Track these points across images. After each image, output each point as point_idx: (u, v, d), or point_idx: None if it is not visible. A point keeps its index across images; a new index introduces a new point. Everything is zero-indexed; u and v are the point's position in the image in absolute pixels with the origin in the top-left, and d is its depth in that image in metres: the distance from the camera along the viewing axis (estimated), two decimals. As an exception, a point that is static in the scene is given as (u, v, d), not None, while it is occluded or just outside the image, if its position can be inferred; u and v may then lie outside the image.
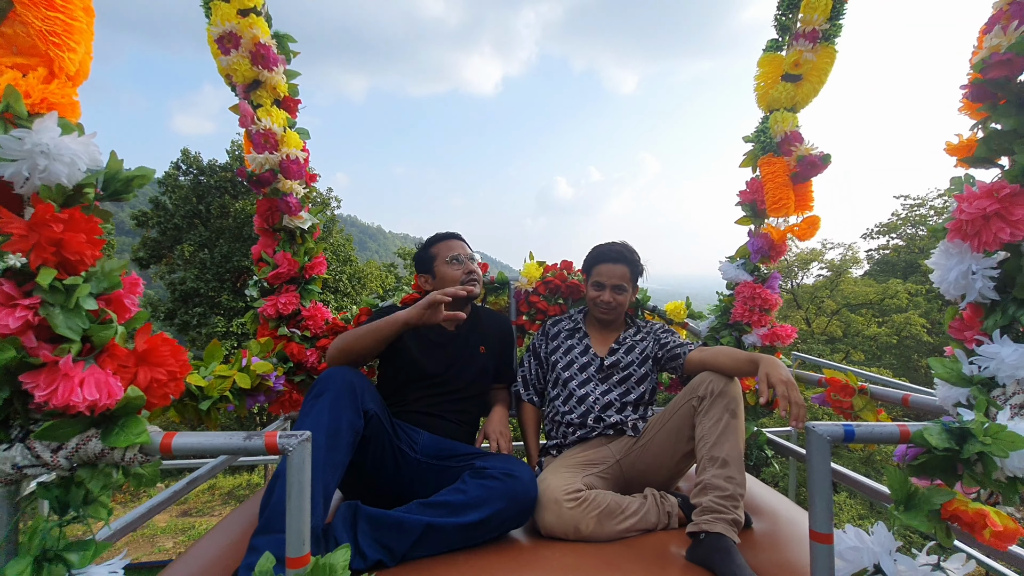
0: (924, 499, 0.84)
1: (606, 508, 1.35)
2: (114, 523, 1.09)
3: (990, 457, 0.80)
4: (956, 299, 1.07)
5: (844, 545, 0.88)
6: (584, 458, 1.55)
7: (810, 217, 1.87)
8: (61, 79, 0.82)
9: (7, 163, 0.74)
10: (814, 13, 1.83)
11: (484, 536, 1.27)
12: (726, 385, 1.42)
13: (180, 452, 0.78)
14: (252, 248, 1.92)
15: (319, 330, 1.90)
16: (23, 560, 0.76)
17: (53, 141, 0.75)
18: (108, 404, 0.76)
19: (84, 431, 0.77)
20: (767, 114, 1.97)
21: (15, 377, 0.73)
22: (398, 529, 1.19)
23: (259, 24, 1.71)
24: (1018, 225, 0.96)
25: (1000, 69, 1.01)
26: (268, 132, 1.73)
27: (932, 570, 0.87)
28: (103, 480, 0.79)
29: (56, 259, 0.75)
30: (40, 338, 0.74)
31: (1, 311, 0.71)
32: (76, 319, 0.76)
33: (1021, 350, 0.93)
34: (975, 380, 0.98)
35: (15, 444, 0.75)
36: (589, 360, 1.74)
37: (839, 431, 0.84)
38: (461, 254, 1.73)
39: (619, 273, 1.71)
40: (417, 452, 1.45)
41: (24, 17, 0.78)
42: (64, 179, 0.77)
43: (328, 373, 1.30)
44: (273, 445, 0.78)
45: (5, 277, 0.72)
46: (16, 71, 0.78)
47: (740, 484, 1.31)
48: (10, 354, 0.70)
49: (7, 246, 0.72)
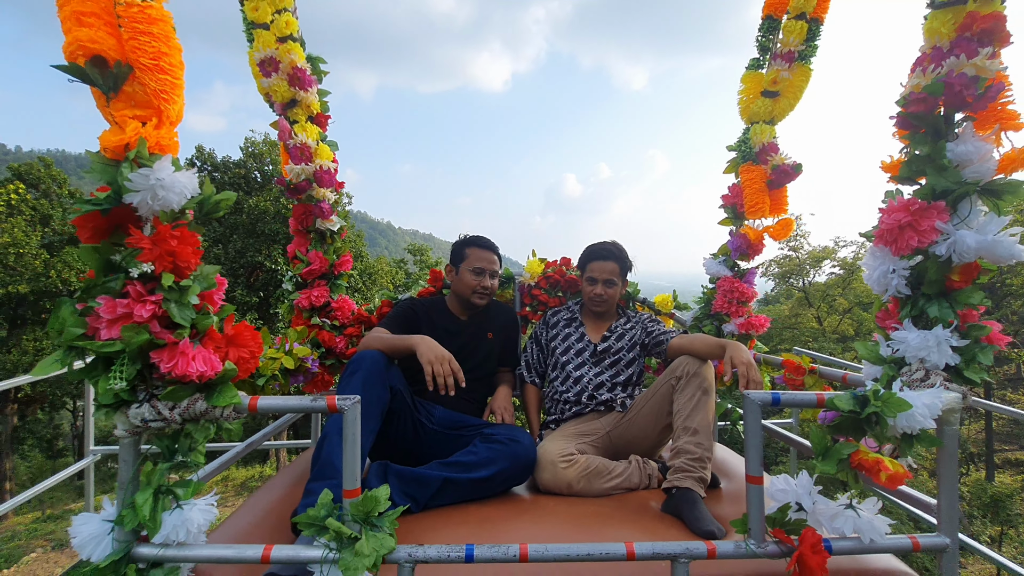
0: (836, 451, 1.08)
1: (595, 469, 1.60)
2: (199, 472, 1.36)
3: (883, 417, 1.03)
4: (881, 293, 1.30)
5: (775, 487, 1.12)
6: (578, 430, 1.80)
7: (784, 219, 2.09)
8: (167, 126, 1.06)
9: (135, 193, 0.98)
10: (791, 36, 2.04)
11: (492, 490, 1.53)
12: (700, 367, 1.65)
13: (263, 411, 1.04)
14: (287, 247, 2.17)
15: (346, 320, 2.16)
16: (146, 491, 1.03)
17: (168, 176, 1.00)
18: (211, 374, 1.01)
19: (192, 394, 1.02)
20: (748, 126, 2.18)
21: (146, 354, 0.98)
22: (421, 482, 1.45)
23: (296, 50, 1.95)
24: (925, 234, 1.18)
25: (918, 105, 1.23)
26: (304, 146, 1.98)
27: (845, 508, 1.11)
28: (204, 432, 1.05)
29: (171, 266, 1.00)
30: (161, 325, 1.00)
31: (136, 305, 0.96)
32: (187, 311, 1.01)
33: (923, 335, 1.16)
34: (888, 359, 1.21)
35: (143, 404, 1.00)
36: (584, 346, 1.98)
37: (768, 397, 1.07)
38: (487, 268, 1.94)
39: (609, 269, 1.95)
40: (434, 424, 1.71)
41: (142, 79, 1.02)
42: (175, 205, 1.02)
43: (361, 355, 1.55)
44: (333, 405, 1.03)
45: (137, 280, 0.97)
46: (137, 121, 1.02)
47: (708, 449, 1.55)
48: (144, 336, 0.96)
49: (140, 257, 0.97)
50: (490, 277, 1.96)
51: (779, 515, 1.10)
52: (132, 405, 1.00)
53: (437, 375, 1.55)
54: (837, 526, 1.09)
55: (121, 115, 1.02)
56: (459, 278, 1.96)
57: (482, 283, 1.93)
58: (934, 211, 1.17)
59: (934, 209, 1.18)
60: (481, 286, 1.93)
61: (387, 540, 1.04)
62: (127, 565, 1.01)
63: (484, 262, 1.95)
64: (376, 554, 1.01)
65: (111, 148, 1.00)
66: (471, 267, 1.94)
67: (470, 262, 1.95)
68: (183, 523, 1.03)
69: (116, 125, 1.02)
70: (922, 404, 1.03)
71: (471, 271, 1.94)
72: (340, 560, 1.00)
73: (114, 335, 0.95)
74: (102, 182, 0.99)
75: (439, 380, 1.55)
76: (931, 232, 1.17)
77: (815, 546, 1.03)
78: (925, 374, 1.16)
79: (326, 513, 1.05)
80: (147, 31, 1.01)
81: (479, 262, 1.94)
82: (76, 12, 0.99)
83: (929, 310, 1.20)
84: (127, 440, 1.03)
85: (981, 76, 1.16)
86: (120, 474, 1.04)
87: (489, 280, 1.95)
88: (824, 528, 1.10)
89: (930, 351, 1.16)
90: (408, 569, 1.04)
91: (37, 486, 2.08)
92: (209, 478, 1.42)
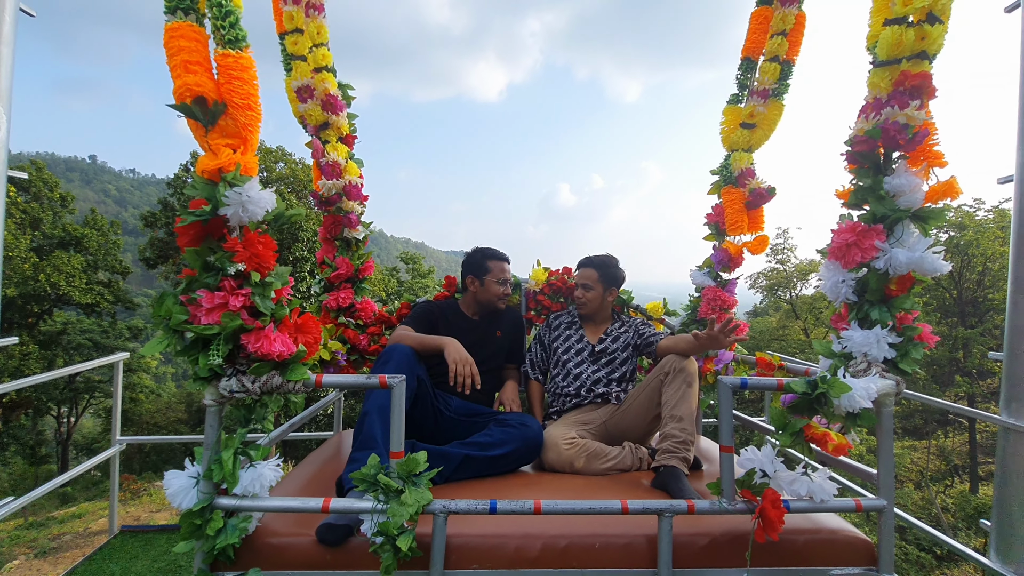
0: (792, 425, 1.33)
1: (593, 451, 1.84)
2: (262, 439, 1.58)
3: (830, 398, 1.28)
4: (834, 300, 1.56)
5: (744, 457, 1.37)
6: (578, 419, 2.04)
7: (760, 236, 2.36)
8: (250, 151, 1.30)
9: (228, 207, 1.22)
10: (766, 76, 2.32)
11: (505, 467, 1.76)
12: (685, 364, 1.90)
13: (328, 385, 1.27)
14: (316, 253, 2.40)
15: (369, 319, 2.39)
16: (229, 451, 1.25)
17: (255, 194, 1.23)
18: (287, 354, 1.24)
19: (270, 371, 1.25)
20: (729, 153, 2.45)
21: (237, 337, 1.21)
22: (444, 458, 1.67)
23: (329, 79, 2.20)
24: (867, 251, 1.44)
25: (862, 145, 1.50)
26: (335, 164, 2.22)
27: (801, 474, 1.35)
28: (278, 403, 1.28)
29: (256, 266, 1.23)
30: (248, 314, 1.22)
31: (231, 298, 1.19)
32: (268, 303, 1.24)
33: (865, 334, 1.42)
34: (839, 354, 1.47)
35: (232, 377, 1.22)
36: (584, 346, 2.22)
37: (738, 381, 1.32)
38: (509, 280, 2.25)
39: (587, 275, 2.21)
40: (451, 412, 1.94)
41: (234, 116, 1.26)
42: (259, 217, 1.25)
43: (392, 347, 1.78)
44: (384, 382, 1.26)
45: (231, 277, 1.20)
46: (228, 149, 1.26)
47: (691, 433, 1.79)
48: (238, 322, 1.18)
49: (235, 259, 1.20)
50: (510, 286, 2.27)
51: (747, 478, 1.34)
52: (222, 379, 1.23)
53: (460, 375, 1.82)
54: (795, 488, 1.33)
55: (216, 144, 1.26)
56: (485, 288, 2.22)
57: (506, 291, 2.23)
58: (874, 232, 1.44)
59: (874, 231, 1.44)
60: (505, 294, 2.23)
61: (426, 494, 1.26)
62: (212, 512, 1.23)
63: (507, 274, 2.26)
64: (418, 504, 1.23)
65: (208, 170, 1.23)
66: (497, 279, 2.22)
67: (495, 274, 2.22)
68: (257, 478, 1.25)
69: (211, 152, 1.26)
70: (860, 387, 1.29)
71: (497, 282, 2.22)
72: (388, 508, 1.22)
73: (213, 320, 1.18)
74: (201, 197, 1.22)
75: (460, 380, 1.81)
76: (872, 250, 1.43)
77: (775, 502, 1.27)
78: (867, 366, 1.42)
79: (375, 471, 1.27)
80: (239, 76, 1.25)
81: (503, 274, 2.24)
82: (184, 61, 1.23)
83: (872, 313, 1.46)
84: (214, 408, 1.25)
85: (910, 123, 1.43)
86: (206, 436, 1.26)
87: (510, 288, 2.27)
88: (784, 491, 1.34)
89: (871, 346, 1.41)
90: (442, 519, 1.26)
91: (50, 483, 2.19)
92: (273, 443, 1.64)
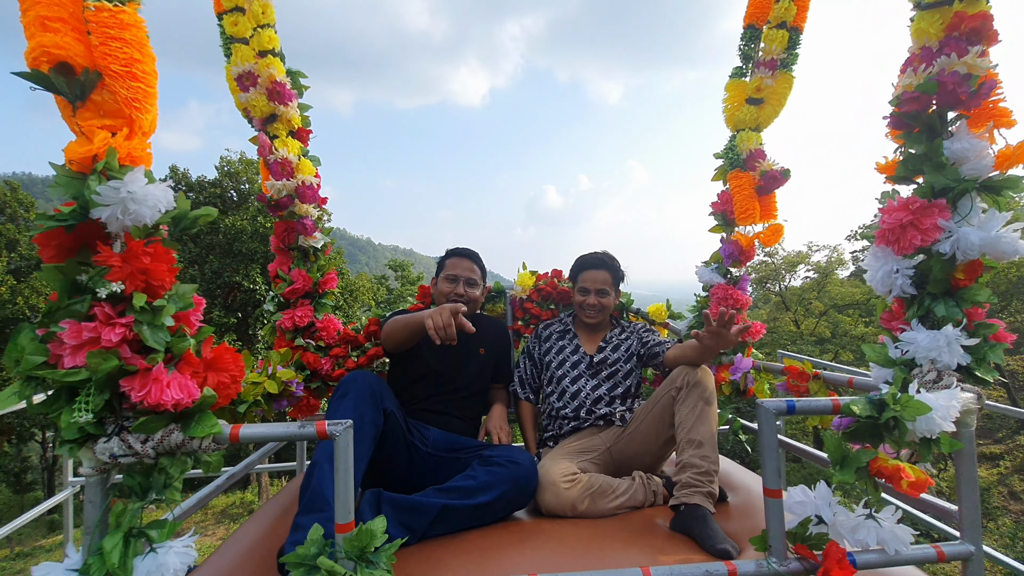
0: (854, 459, 1.03)
1: (598, 488, 1.53)
2: (175, 509, 1.25)
3: (902, 422, 1.00)
4: (885, 294, 1.28)
5: (792, 500, 1.07)
6: (578, 447, 1.74)
7: (774, 225, 2.08)
8: (139, 136, 0.99)
9: (103, 208, 0.91)
10: (772, 44, 2.06)
11: (493, 516, 1.45)
12: (700, 376, 1.60)
13: (246, 440, 0.95)
14: (269, 266, 2.08)
15: (332, 340, 2.07)
16: (116, 535, 0.92)
17: (141, 189, 0.92)
18: (188, 403, 0.93)
19: (167, 425, 0.93)
20: (734, 133, 2.18)
21: (115, 382, 0.90)
22: (417, 511, 1.36)
23: (275, 64, 1.90)
24: (928, 232, 1.17)
25: (912, 104, 1.22)
26: (285, 161, 1.91)
27: (865, 518, 1.06)
28: (181, 466, 0.96)
29: (144, 285, 0.92)
30: (132, 350, 0.91)
31: (104, 329, 0.88)
32: (160, 334, 0.93)
33: (932, 335, 1.14)
34: (899, 362, 1.18)
35: (112, 437, 0.91)
36: (580, 358, 1.93)
37: (783, 405, 1.03)
38: (460, 275, 1.92)
39: (601, 278, 1.91)
40: (428, 446, 1.62)
41: (111, 87, 0.95)
42: (148, 219, 0.94)
43: (351, 376, 1.47)
44: (323, 431, 0.95)
45: (105, 301, 0.89)
46: (106, 131, 0.95)
47: (714, 462, 1.49)
48: (113, 363, 0.87)
49: (109, 276, 0.89)
50: (466, 285, 1.92)
51: (800, 530, 1.05)
52: (99, 439, 0.91)
53: (437, 327, 1.44)
54: (860, 538, 1.04)
55: (88, 125, 0.95)
56: (438, 288, 1.94)
57: (455, 290, 1.90)
58: (935, 209, 1.16)
59: (935, 207, 1.16)
60: (455, 293, 1.90)
61: (385, 577, 0.95)
62: (94, 620, 0.91)
63: (459, 269, 1.93)
64: (374, 593, 0.92)
65: (77, 160, 0.92)
66: (446, 274, 1.93)
67: (446, 270, 1.94)
68: (157, 569, 0.93)
69: (83, 136, 0.95)
70: (941, 406, 1.00)
71: (446, 278, 1.93)
72: (334, 602, 0.91)
73: (79, 363, 0.86)
74: (68, 197, 0.91)
75: (439, 333, 1.44)
76: (934, 230, 1.15)
77: (840, 561, 0.98)
78: (937, 375, 1.13)
79: (317, 551, 0.96)
80: (119, 36, 0.95)
81: (453, 269, 1.94)
82: (41, 17, 0.92)
83: (936, 309, 1.18)
84: (94, 479, 0.94)
85: (973, 74, 1.16)
86: (86, 517, 0.94)
87: (465, 288, 1.91)
88: (846, 541, 1.05)
89: (941, 351, 1.13)
90: None
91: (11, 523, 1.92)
92: (186, 516, 1.31)
